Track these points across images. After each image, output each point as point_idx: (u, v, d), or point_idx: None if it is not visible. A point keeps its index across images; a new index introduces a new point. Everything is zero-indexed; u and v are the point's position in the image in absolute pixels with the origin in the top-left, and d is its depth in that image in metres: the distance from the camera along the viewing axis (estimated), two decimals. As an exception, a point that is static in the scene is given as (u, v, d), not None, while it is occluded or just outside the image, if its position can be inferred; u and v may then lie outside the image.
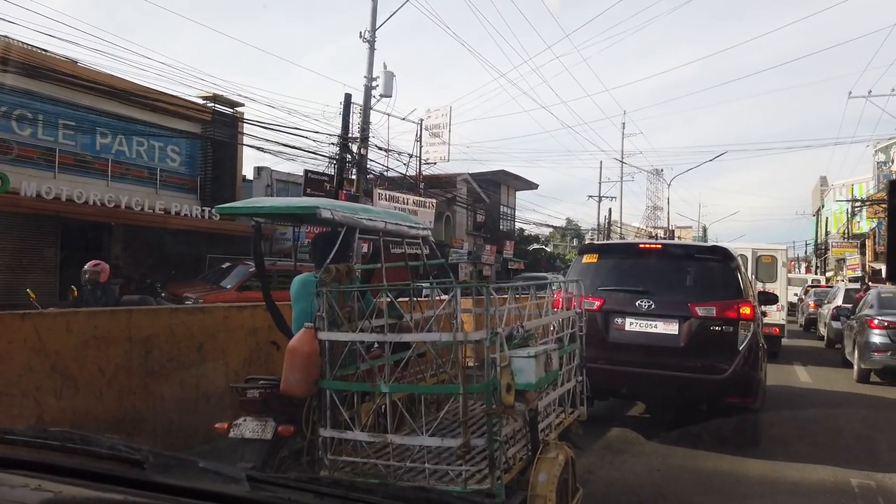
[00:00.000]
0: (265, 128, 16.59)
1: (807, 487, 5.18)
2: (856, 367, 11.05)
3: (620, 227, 43.54)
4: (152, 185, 18.50)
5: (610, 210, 42.24)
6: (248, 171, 23.22)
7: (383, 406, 3.25)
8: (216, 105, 19.42)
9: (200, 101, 19.01)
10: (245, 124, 19.23)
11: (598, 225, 41.48)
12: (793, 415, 8.03)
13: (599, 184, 41.59)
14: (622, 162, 41.31)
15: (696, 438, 6.34)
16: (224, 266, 14.79)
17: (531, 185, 39.30)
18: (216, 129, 19.66)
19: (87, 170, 16.83)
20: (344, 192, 18.08)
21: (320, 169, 19.83)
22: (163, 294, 13.92)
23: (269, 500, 1.08)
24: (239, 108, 19.84)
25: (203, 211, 18.58)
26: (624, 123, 41.76)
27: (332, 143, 18.24)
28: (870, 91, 27.08)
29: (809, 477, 5.41)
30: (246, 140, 18.47)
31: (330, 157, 18.51)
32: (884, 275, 26.16)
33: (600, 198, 41.22)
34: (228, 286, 13.47)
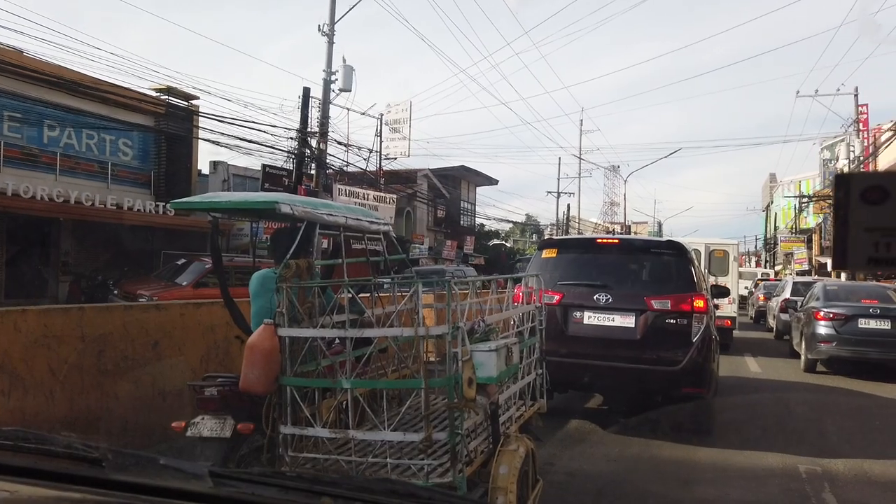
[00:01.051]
0: (221, 121, 16.26)
1: (757, 473, 5.37)
2: (803, 357, 11.47)
3: (578, 223, 44.14)
4: (103, 180, 17.96)
5: (568, 206, 42.90)
6: (203, 166, 22.77)
7: (345, 402, 3.25)
8: (170, 98, 18.95)
9: (154, 94, 18.53)
10: (200, 117, 18.81)
11: (557, 220, 42.00)
12: (743, 404, 8.30)
13: (558, 180, 42.14)
14: (580, 158, 41.90)
15: (651, 428, 6.50)
16: (179, 262, 14.47)
17: (491, 181, 39.52)
18: (170, 123, 19.18)
19: (34, 164, 16.25)
20: (303, 187, 17.88)
21: (278, 164, 19.57)
22: (115, 292, 13.57)
23: (233, 496, 1.07)
24: (194, 101, 19.40)
25: (157, 206, 18.14)
26: (582, 120, 42.48)
27: (291, 138, 18.02)
28: (816, 90, 28.09)
29: (759, 463, 5.60)
30: (201, 134, 18.06)
31: (288, 152, 18.27)
32: (829, 267, 27.15)
33: (559, 193, 41.75)
34: (184, 283, 13.18)
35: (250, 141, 17.09)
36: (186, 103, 19.48)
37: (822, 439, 6.49)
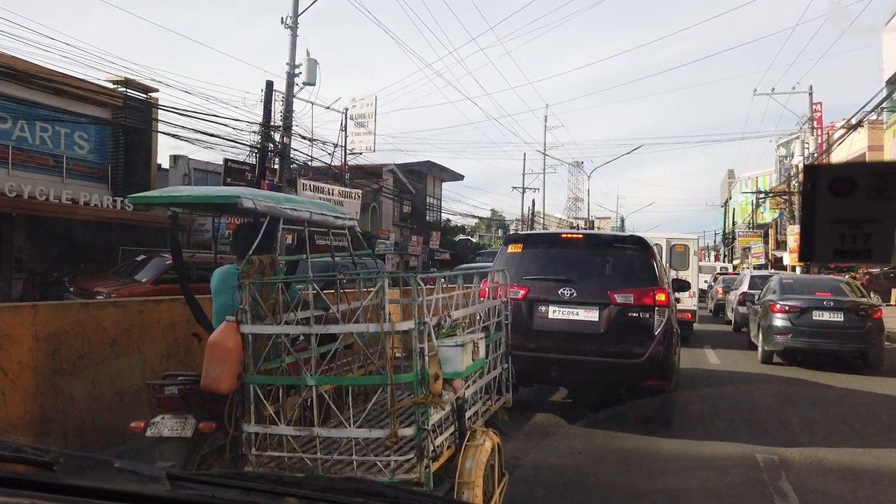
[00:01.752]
0: (181, 114, 15.98)
1: (717, 463, 5.49)
2: (760, 348, 11.77)
3: (543, 218, 44.53)
4: (58, 174, 17.43)
5: (533, 201, 43.18)
6: (163, 160, 22.29)
7: (310, 399, 3.20)
8: (128, 90, 18.47)
9: (111, 86, 18.03)
10: (159, 110, 18.38)
11: (522, 215, 42.28)
12: (703, 395, 8.48)
13: (523, 175, 42.41)
14: (545, 154, 42.23)
15: (615, 420, 6.60)
16: (139, 259, 14.12)
17: (457, 176, 39.57)
18: (128, 115, 18.71)
19: (-17, 157, 15.69)
20: (266, 181, 17.62)
21: (241, 158, 19.26)
22: (70, 289, 13.19)
23: (192, 499, 1.04)
24: (153, 94, 18.95)
25: (115, 201, 17.68)
26: (546, 116, 42.77)
27: (254, 132, 17.74)
28: (773, 89, 28.82)
29: (719, 453, 5.73)
30: (161, 127, 17.66)
31: (251, 146, 17.98)
32: (786, 261, 27.91)
33: (524, 189, 42.03)
34: (144, 279, 12.88)
35: (212, 135, 16.79)
36: (145, 96, 19.02)
37: (780, 429, 6.68)
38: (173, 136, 16.51)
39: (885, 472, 5.31)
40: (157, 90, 18.65)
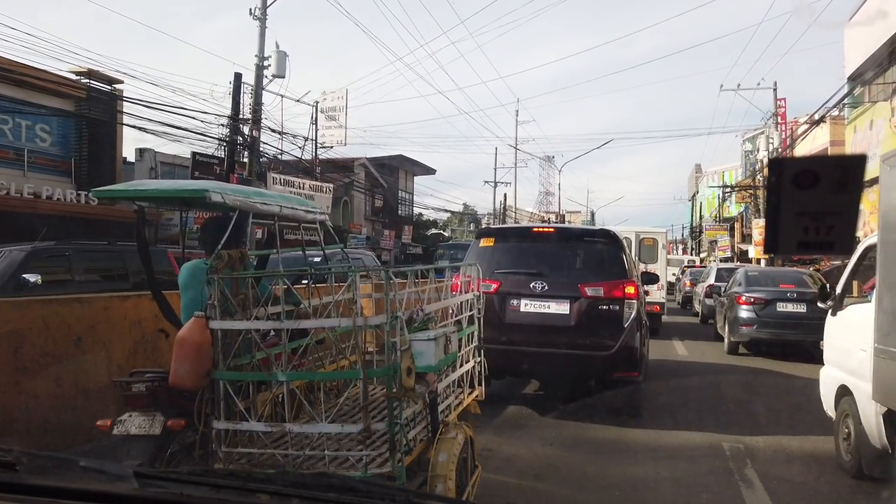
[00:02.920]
0: (147, 106, 15.57)
1: (685, 451, 5.60)
2: (726, 340, 12.01)
3: (515, 212, 44.73)
4: (19, 167, 16.95)
5: (505, 195, 43.31)
6: (129, 153, 21.82)
7: (281, 395, 3.18)
8: (91, 81, 18.02)
9: (74, 77, 17.57)
10: (125, 102, 17.98)
11: (494, 210, 42.40)
12: (672, 386, 8.63)
13: (495, 169, 42.49)
14: (516, 148, 42.39)
15: (586, 412, 6.67)
16: (104, 254, 13.79)
17: (429, 171, 39.48)
18: (92, 107, 18.25)
19: (-60, 150, 15.18)
20: (235, 175, 17.36)
21: (209, 151, 18.94)
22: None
23: (160, 497, 1.02)
24: (117, 86, 18.51)
25: (79, 195, 17.25)
26: (517, 111, 42.82)
27: (222, 125, 17.45)
28: (739, 84, 29.32)
29: (687, 442, 5.85)
30: (126, 119, 17.27)
31: (220, 139, 17.69)
32: (751, 254, 28.49)
33: (496, 183, 42.12)
34: (109, 275, 12.59)
35: (179, 127, 16.46)
36: (109, 87, 18.57)
37: (745, 418, 6.83)
38: (139, 128, 16.11)
39: (846, 458, 5.46)
40: (121, 81, 18.24)
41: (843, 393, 5.17)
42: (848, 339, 5.14)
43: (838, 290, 5.51)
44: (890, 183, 4.53)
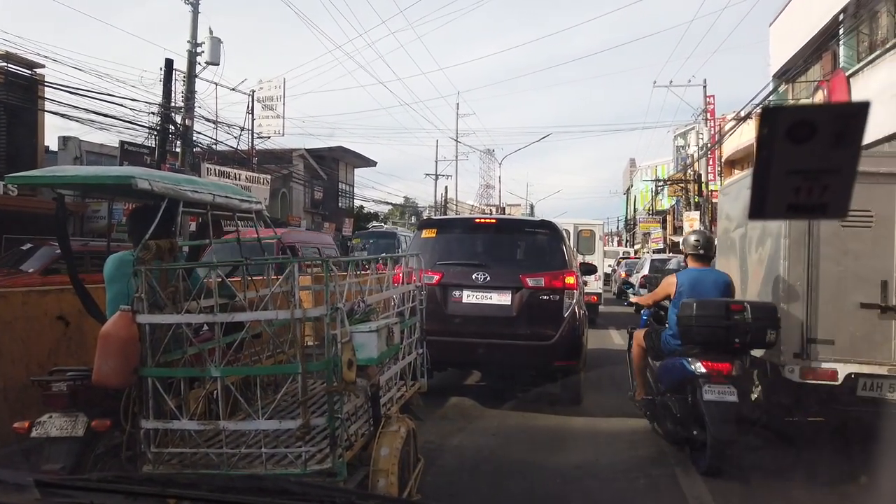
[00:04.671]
0: (71, 92, 14.78)
1: (624, 437, 5.72)
2: (661, 328, 12.33)
3: (456, 205, 44.87)
4: (-73, 155, 15.83)
5: (446, 188, 43.43)
6: (51, 142, 20.69)
7: (215, 391, 3.04)
8: (9, 65, 16.96)
9: (-12, 60, 16.51)
10: (46, 88, 17.01)
11: (435, 202, 42.42)
12: (610, 373, 8.81)
13: (436, 162, 42.50)
14: (457, 141, 42.50)
15: (528, 401, 6.74)
16: (25, 248, 13.05)
17: (370, 163, 39.13)
18: (10, 93, 17.20)
19: None
20: (167, 165, 16.71)
21: (139, 141, 18.17)
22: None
23: None
24: (38, 70, 17.50)
25: (-5, 186, 16.25)
26: (458, 103, 42.95)
27: (153, 113, 16.75)
28: (671, 81, 30.26)
29: (625, 428, 5.97)
30: (48, 106, 16.34)
31: (150, 128, 16.98)
32: (681, 246, 29.49)
33: (437, 176, 42.14)
34: (31, 270, 11.93)
35: (105, 115, 15.71)
36: (29, 72, 17.54)
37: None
38: (62, 115, 15.30)
39: (777, 441, 5.69)
40: (43, 66, 17.24)
41: None
42: None
43: None
44: (724, 207, 6.89)
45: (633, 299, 7.35)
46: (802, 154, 0.84)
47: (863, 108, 0.86)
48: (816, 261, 5.15)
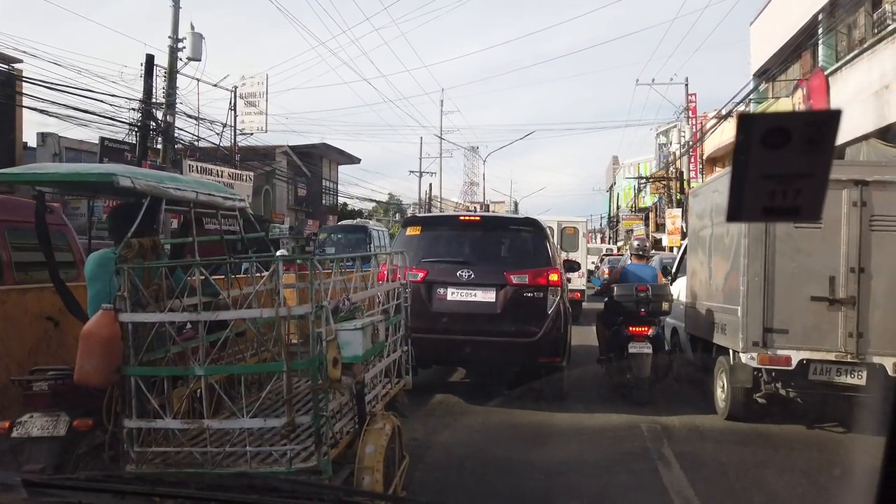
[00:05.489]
0: (50, 88, 14.55)
1: (607, 433, 5.77)
2: (643, 324, 12.44)
3: (441, 202, 44.85)
4: None
5: (430, 185, 43.36)
6: (30, 138, 20.37)
7: (199, 390, 3.03)
8: (-15, 59, 16.70)
9: (-36, 54, 16.23)
10: (24, 83, 16.75)
11: (420, 199, 42.36)
12: (593, 370, 8.87)
13: (420, 159, 42.44)
14: (441, 138, 42.45)
15: (512, 397, 6.77)
16: (1, 245, 12.85)
17: (353, 160, 38.96)
18: (-14, 88, 16.92)
19: None
20: (148, 162, 16.52)
21: (120, 137, 17.93)
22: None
23: None
24: (16, 65, 17.23)
25: (-28, 182, 15.96)
26: (442, 101, 42.90)
27: (133, 109, 16.53)
28: (653, 79, 30.47)
29: (608, 424, 6.03)
30: (26, 102, 16.08)
31: (130, 124, 16.76)
32: (665, 242, 29.72)
33: (421, 173, 42.08)
34: (8, 268, 11.75)
35: (85, 111, 15.48)
36: (7, 67, 17.26)
37: (662, 399, 7.10)
38: (40, 111, 15.05)
39: (753, 436, 5.78)
40: (20, 60, 16.96)
41: (674, 333, 8.64)
42: (676, 298, 8.03)
43: (673, 271, 9.38)
44: (694, 209, 8.33)
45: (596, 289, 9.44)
46: (777, 159, 0.87)
47: (834, 116, 0.90)
48: (773, 258, 5.69)
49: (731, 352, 6.09)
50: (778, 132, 0.87)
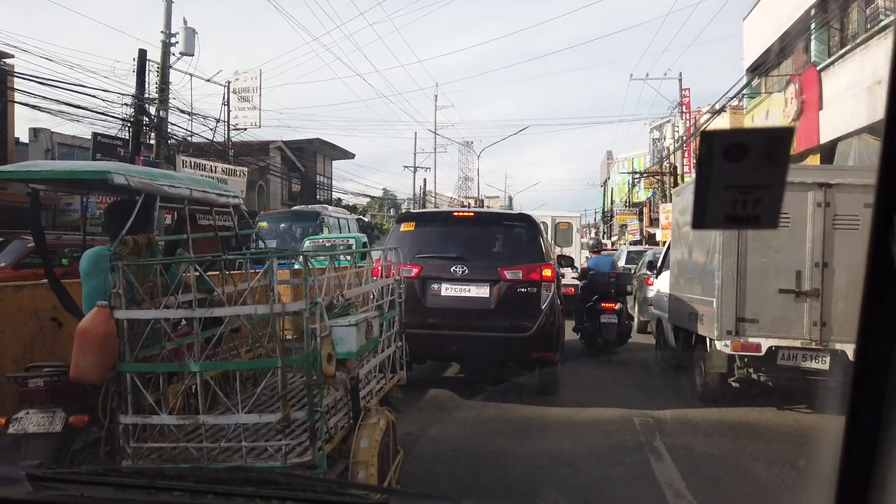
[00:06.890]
0: (42, 83, 14.48)
1: (599, 426, 5.82)
2: (636, 319, 12.53)
3: (435, 197, 44.86)
4: None
5: (425, 180, 43.36)
6: (21, 134, 20.28)
7: (194, 386, 3.05)
8: (-25, 54, 16.59)
9: (-46, 49, 16.12)
10: (16, 78, 16.65)
11: (414, 195, 42.35)
12: (586, 364, 8.95)
13: (414, 154, 42.42)
14: (435, 133, 42.44)
15: (506, 392, 6.82)
16: (-5, 242, 12.82)
17: (348, 155, 38.91)
18: (-23, 83, 16.83)
19: None
20: (141, 158, 16.48)
21: (113, 132, 17.87)
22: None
23: (57, 500, 0.93)
24: (7, 60, 17.13)
25: (-37, 178, 15.87)
26: (437, 96, 42.84)
27: (126, 104, 16.48)
28: (647, 74, 30.54)
29: (601, 418, 6.08)
30: (17, 97, 15.99)
31: (123, 120, 16.71)
32: (658, 237, 29.82)
33: (415, 168, 42.06)
34: (2, 264, 11.76)
35: (78, 106, 15.42)
36: (-3, 61, 17.17)
37: (654, 393, 7.17)
38: (32, 106, 14.98)
39: (745, 428, 5.85)
40: (12, 56, 16.87)
41: (659, 323, 9.36)
42: (661, 290, 9.33)
43: (659, 265, 10.32)
44: (677, 206, 9.04)
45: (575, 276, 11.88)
46: (738, 171, 0.93)
47: (787, 133, 0.97)
48: (745, 253, 6.19)
49: (707, 340, 6.59)
50: (737, 147, 0.93)
